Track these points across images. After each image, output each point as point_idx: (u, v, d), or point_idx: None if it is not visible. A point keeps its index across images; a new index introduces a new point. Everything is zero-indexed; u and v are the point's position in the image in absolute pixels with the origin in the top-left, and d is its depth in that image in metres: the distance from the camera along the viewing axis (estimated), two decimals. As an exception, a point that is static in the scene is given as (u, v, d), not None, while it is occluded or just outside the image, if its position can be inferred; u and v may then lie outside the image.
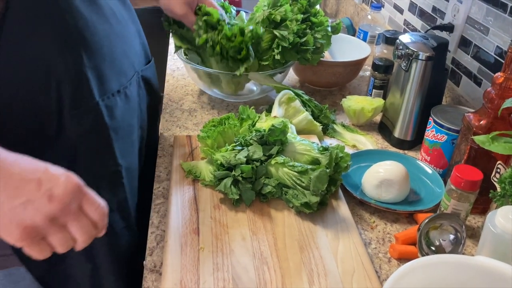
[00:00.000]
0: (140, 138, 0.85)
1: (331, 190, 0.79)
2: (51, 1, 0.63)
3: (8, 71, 0.62)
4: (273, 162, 0.79)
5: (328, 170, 0.76)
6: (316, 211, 0.76)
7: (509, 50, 0.73)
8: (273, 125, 0.81)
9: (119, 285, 0.83)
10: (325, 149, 0.81)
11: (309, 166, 0.78)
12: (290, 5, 1.08)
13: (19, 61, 0.63)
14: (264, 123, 0.92)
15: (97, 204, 0.54)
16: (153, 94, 0.92)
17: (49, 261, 0.75)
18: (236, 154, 0.79)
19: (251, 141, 0.82)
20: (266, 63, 1.08)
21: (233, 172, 0.78)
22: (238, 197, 0.76)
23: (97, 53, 0.70)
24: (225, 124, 0.89)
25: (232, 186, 0.77)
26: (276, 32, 1.05)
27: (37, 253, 0.51)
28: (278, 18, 1.04)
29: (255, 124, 0.90)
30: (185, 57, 1.14)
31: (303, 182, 0.76)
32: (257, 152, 0.79)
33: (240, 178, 0.77)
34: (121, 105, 0.76)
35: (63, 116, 0.67)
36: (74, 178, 0.52)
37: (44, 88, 0.64)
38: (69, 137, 0.69)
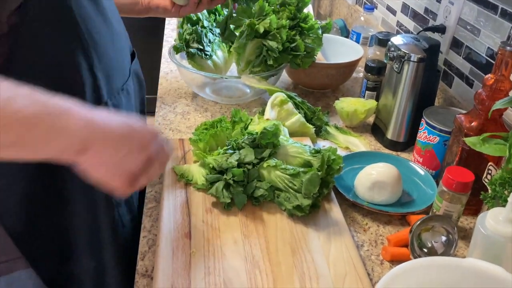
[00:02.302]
0: None
1: (323, 192, 0.79)
2: (66, 7, 0.65)
3: (25, 76, 0.63)
4: (265, 165, 0.79)
5: (320, 173, 0.76)
6: (308, 214, 0.76)
7: (499, 52, 0.73)
8: (265, 128, 0.81)
9: (123, 281, 0.84)
10: (317, 151, 0.81)
11: (301, 169, 0.77)
12: (278, 12, 1.09)
13: (36, 66, 0.65)
14: (256, 126, 0.92)
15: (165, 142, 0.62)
16: (142, 85, 0.94)
17: (56, 260, 0.77)
18: (228, 158, 0.79)
19: (243, 144, 0.82)
20: (258, 69, 1.09)
21: (225, 176, 0.78)
22: (229, 200, 0.76)
23: (104, 54, 0.73)
24: (217, 127, 0.89)
25: (224, 190, 0.77)
26: (264, 42, 1.06)
27: (129, 190, 0.59)
28: (261, 29, 1.04)
29: (247, 127, 0.89)
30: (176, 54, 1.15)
31: (295, 185, 0.76)
32: (249, 156, 0.79)
33: (231, 182, 0.77)
34: (124, 102, 0.80)
35: None
36: (153, 129, 0.60)
37: (59, 93, 0.66)
38: None
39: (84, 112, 0.53)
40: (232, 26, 1.13)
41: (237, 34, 1.11)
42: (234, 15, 1.11)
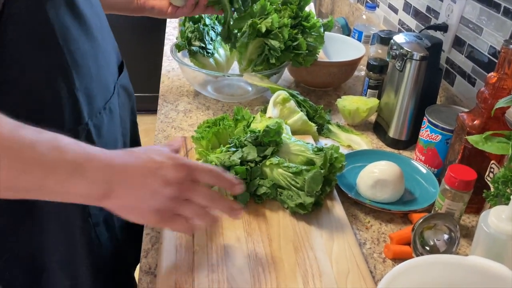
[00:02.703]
0: (123, 146, 0.86)
1: (325, 190, 0.79)
2: (48, 29, 0.62)
3: (2, 96, 0.62)
4: (267, 163, 0.79)
5: (322, 171, 0.76)
6: (311, 212, 0.76)
7: (502, 50, 0.73)
8: (267, 126, 0.81)
9: None
10: (320, 149, 0.81)
11: (304, 167, 0.78)
12: (280, 11, 1.09)
13: (14, 88, 0.62)
14: (259, 124, 0.92)
15: (207, 170, 0.60)
16: (131, 96, 0.92)
17: (28, 279, 0.72)
18: (230, 156, 0.79)
19: (245, 142, 0.82)
20: (260, 67, 1.09)
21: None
22: (232, 198, 0.76)
23: (86, 74, 0.70)
24: (219, 125, 0.89)
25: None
26: (266, 41, 1.06)
27: (179, 227, 0.60)
28: (263, 29, 1.04)
29: (250, 125, 0.90)
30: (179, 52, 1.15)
31: (298, 183, 0.76)
32: (252, 153, 0.79)
33: None
34: (106, 121, 0.76)
35: None
36: (178, 159, 0.59)
37: (37, 114, 0.64)
38: None
39: (104, 156, 0.55)
40: (208, 21, 1.14)
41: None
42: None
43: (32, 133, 0.50)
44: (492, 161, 0.76)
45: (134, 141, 0.97)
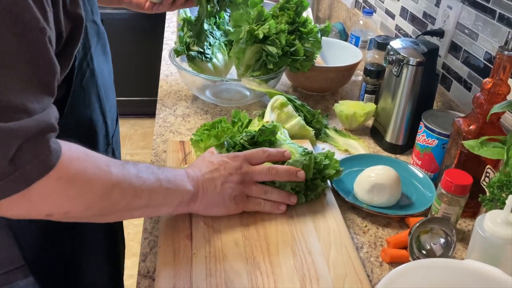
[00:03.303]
0: None
1: (308, 195, 0.79)
2: (92, 75, 0.73)
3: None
4: None
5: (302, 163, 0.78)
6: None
7: (497, 56, 0.74)
8: (263, 125, 0.83)
9: None
10: (307, 153, 0.81)
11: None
12: (277, 16, 1.10)
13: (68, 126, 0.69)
14: (256, 128, 0.92)
15: (255, 152, 0.77)
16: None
17: (62, 275, 0.77)
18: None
19: (241, 141, 0.82)
20: (258, 73, 1.09)
21: None
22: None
23: (109, 102, 0.80)
24: (217, 127, 0.90)
25: None
26: (264, 47, 1.07)
27: (254, 206, 0.75)
28: (261, 35, 1.05)
29: (245, 126, 0.90)
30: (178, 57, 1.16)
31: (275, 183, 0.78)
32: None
33: None
34: (118, 139, 0.89)
35: None
36: (229, 154, 0.76)
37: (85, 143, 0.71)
38: None
39: (184, 171, 0.71)
40: (206, 26, 1.16)
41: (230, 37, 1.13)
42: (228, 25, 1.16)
43: (132, 165, 0.63)
44: (487, 166, 0.76)
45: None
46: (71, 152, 0.55)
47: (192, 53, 1.15)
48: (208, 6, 1.04)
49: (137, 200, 0.62)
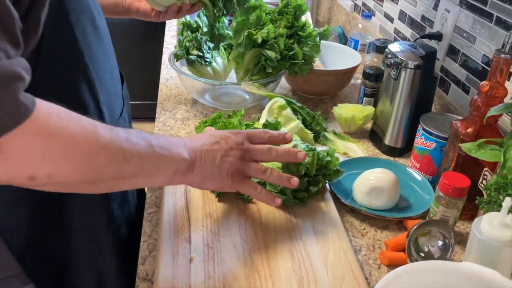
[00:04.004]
0: None
1: (310, 190, 0.80)
2: (76, 49, 0.68)
3: None
4: None
5: (306, 161, 0.79)
6: (292, 202, 0.79)
7: (494, 59, 0.75)
8: (266, 121, 0.85)
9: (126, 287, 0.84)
10: (311, 149, 0.82)
11: None
12: (276, 21, 1.11)
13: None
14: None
15: (257, 132, 0.75)
16: (129, 106, 0.95)
17: (56, 275, 0.76)
18: None
19: None
20: (257, 76, 1.10)
21: None
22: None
23: (106, 88, 0.75)
24: (219, 122, 0.91)
25: None
26: (262, 52, 1.07)
27: (249, 189, 0.73)
28: (259, 39, 1.06)
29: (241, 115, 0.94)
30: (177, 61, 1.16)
31: (281, 170, 0.79)
32: None
33: None
34: None
35: None
36: (232, 130, 0.74)
37: None
38: None
39: (181, 140, 0.67)
40: (217, 31, 1.15)
41: (231, 41, 1.13)
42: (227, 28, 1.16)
43: (123, 130, 0.57)
44: (485, 168, 0.77)
45: None
46: (51, 107, 0.51)
47: (191, 57, 1.16)
48: (215, 10, 1.04)
49: (127, 165, 0.57)
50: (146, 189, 0.90)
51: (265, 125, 0.84)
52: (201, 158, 0.67)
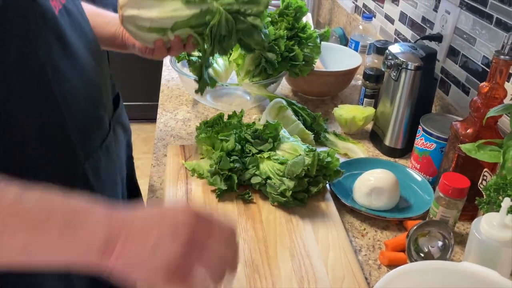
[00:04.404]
0: (121, 186, 0.83)
1: (310, 191, 0.81)
2: (38, 66, 0.60)
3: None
4: (261, 156, 0.84)
5: (306, 159, 0.79)
6: (292, 203, 0.80)
7: (494, 61, 0.75)
8: (267, 121, 0.86)
9: None
10: (311, 150, 0.83)
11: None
12: (276, 22, 1.11)
13: (10, 130, 0.59)
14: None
15: (222, 226, 0.51)
16: (127, 132, 0.90)
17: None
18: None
19: (245, 135, 0.87)
20: (258, 78, 1.10)
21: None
22: (225, 187, 0.81)
23: (78, 112, 0.66)
24: (220, 123, 0.93)
25: (221, 179, 0.82)
26: (263, 54, 1.08)
27: (185, 286, 0.48)
28: None
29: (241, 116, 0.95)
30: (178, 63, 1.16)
31: (281, 171, 0.80)
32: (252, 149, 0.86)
33: (227, 173, 0.83)
34: (104, 161, 0.73)
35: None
36: (189, 211, 0.49)
37: (32, 156, 0.61)
38: None
39: (102, 209, 0.48)
40: (207, 73, 0.99)
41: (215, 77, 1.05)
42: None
43: (16, 191, 0.45)
44: (485, 169, 0.77)
45: (130, 176, 0.93)
46: None
47: (193, 58, 1.16)
48: (210, 47, 0.88)
49: (9, 239, 0.44)
50: (146, 189, 0.91)
51: (266, 126, 0.85)
52: (127, 238, 0.48)
